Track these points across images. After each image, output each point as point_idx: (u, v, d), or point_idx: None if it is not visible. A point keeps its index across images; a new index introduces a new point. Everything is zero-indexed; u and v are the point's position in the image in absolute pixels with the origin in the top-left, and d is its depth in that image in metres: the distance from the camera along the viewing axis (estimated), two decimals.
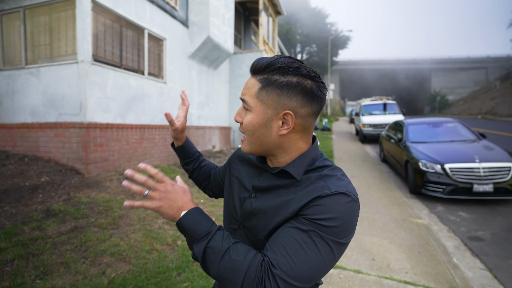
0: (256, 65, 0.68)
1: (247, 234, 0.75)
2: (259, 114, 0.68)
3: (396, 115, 11.67)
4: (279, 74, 0.65)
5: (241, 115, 0.72)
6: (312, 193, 0.63)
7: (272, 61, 0.65)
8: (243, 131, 0.72)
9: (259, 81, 0.67)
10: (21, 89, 4.51)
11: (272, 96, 0.66)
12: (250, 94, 0.68)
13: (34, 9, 4.54)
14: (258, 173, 0.79)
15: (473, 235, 3.39)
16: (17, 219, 2.78)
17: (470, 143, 5.16)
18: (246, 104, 0.69)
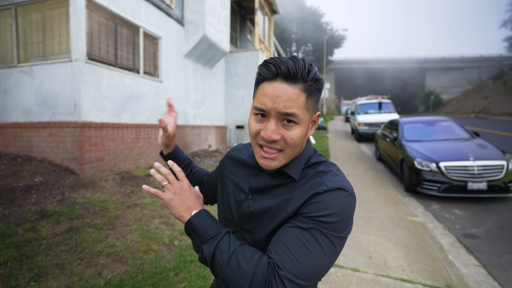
0: (294, 71, 0.60)
1: (246, 236, 0.74)
2: (306, 124, 0.65)
3: (391, 114, 11.76)
4: (314, 80, 0.64)
5: (278, 132, 0.62)
6: (309, 191, 0.64)
7: (309, 67, 0.62)
8: (281, 148, 0.64)
9: (303, 91, 0.62)
10: (13, 88, 4.43)
11: (313, 103, 0.65)
12: (298, 106, 0.61)
13: (26, 6, 4.46)
14: (253, 174, 0.77)
15: (468, 233, 3.43)
16: (10, 220, 2.73)
17: (464, 142, 5.22)
18: (296, 118, 0.61)
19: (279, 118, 0.63)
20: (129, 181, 4.07)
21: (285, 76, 0.61)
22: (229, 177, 0.83)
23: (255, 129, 0.65)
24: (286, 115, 0.61)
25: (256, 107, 0.64)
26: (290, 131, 0.63)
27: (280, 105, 0.60)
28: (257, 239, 0.71)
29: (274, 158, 0.65)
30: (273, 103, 0.61)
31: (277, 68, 0.61)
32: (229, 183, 0.82)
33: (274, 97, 0.61)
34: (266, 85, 0.63)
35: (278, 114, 0.62)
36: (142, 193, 3.83)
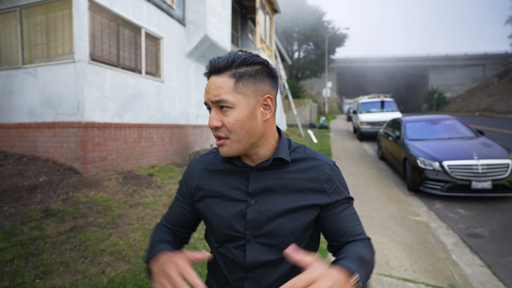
0: (217, 64, 0.67)
1: (263, 242, 0.73)
2: (245, 107, 0.68)
3: (393, 112, 11.70)
4: (244, 66, 0.68)
5: (218, 118, 0.68)
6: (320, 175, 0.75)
7: (233, 56, 0.68)
8: (225, 135, 0.69)
9: (230, 77, 0.67)
10: (18, 89, 4.48)
11: (249, 86, 0.68)
12: (226, 92, 0.66)
13: (30, 8, 4.50)
14: (242, 177, 0.76)
15: (472, 232, 3.41)
16: (16, 219, 2.77)
17: (468, 140, 5.18)
18: (226, 103, 0.66)
19: (216, 107, 0.68)
20: (132, 181, 4.09)
21: (213, 70, 0.68)
22: (212, 194, 0.78)
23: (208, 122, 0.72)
24: (217, 102, 0.67)
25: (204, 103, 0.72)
26: (227, 117, 0.68)
27: (211, 95, 0.68)
28: (282, 235, 0.72)
29: (222, 144, 0.70)
30: (207, 94, 0.69)
31: (209, 65, 0.69)
32: (214, 201, 0.77)
33: (207, 90, 0.69)
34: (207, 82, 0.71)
35: (213, 104, 0.68)
36: (145, 192, 3.86)
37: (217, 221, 0.76)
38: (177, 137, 6.33)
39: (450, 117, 6.22)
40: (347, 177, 5.88)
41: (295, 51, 31.06)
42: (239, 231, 0.74)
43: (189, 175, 0.84)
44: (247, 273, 0.75)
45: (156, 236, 0.83)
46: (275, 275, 0.76)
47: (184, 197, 0.85)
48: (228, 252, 0.77)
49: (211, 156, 0.85)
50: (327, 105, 24.94)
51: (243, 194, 0.75)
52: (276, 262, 0.75)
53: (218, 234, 0.77)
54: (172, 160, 6.02)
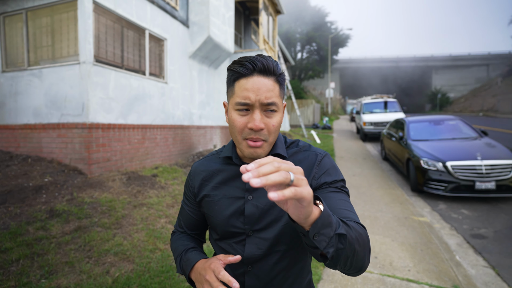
0: (267, 66, 0.69)
1: (262, 236, 0.76)
2: (282, 111, 0.74)
3: (397, 113, 11.65)
4: (281, 73, 0.73)
5: (263, 121, 0.69)
6: (311, 164, 0.77)
7: (275, 62, 0.72)
8: (264, 138, 0.69)
9: (276, 82, 0.70)
10: (24, 90, 4.53)
11: (282, 92, 0.74)
12: (276, 95, 0.69)
13: (36, 11, 4.56)
14: (240, 175, 0.78)
15: (476, 233, 3.39)
16: (21, 219, 2.80)
17: (472, 141, 5.15)
18: (276, 106, 0.69)
19: (262, 108, 0.68)
20: (136, 181, 4.12)
21: (261, 70, 0.68)
22: (213, 193, 0.81)
23: (241, 123, 0.69)
24: (268, 104, 0.68)
25: (239, 103, 0.68)
26: (272, 119, 0.69)
27: (262, 96, 0.67)
28: (278, 228, 0.74)
29: (260, 146, 0.70)
30: (256, 95, 0.67)
31: (252, 64, 0.68)
32: (215, 199, 0.81)
33: (256, 90, 0.67)
34: (245, 81, 0.68)
35: (261, 105, 0.68)
36: (148, 193, 3.88)
37: (218, 219, 0.80)
38: (181, 138, 6.36)
39: (453, 118, 6.18)
40: (351, 177, 5.87)
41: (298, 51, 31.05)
42: (239, 227, 0.77)
43: (191, 178, 0.88)
44: (247, 268, 0.78)
45: (179, 245, 0.88)
46: (274, 270, 0.77)
47: (189, 201, 0.89)
48: (229, 247, 0.80)
49: (211, 158, 0.88)
50: (330, 105, 24.89)
51: (241, 191, 0.78)
52: (275, 256, 0.77)
53: (220, 231, 0.81)
54: (175, 160, 6.05)
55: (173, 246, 0.90)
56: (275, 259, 0.77)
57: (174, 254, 0.87)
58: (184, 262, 0.81)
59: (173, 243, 0.91)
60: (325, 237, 0.52)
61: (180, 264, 0.82)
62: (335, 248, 0.53)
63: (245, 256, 0.76)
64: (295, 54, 30.73)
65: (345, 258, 0.55)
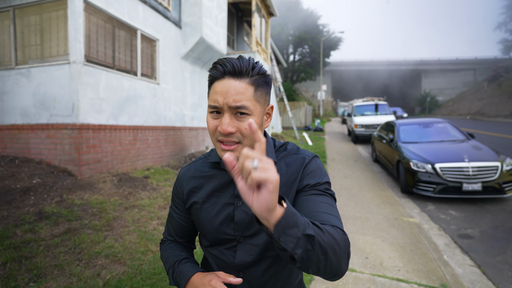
0: (238, 67, 0.66)
1: (253, 242, 0.76)
2: (259, 115, 0.70)
3: (387, 115, 11.85)
4: (260, 75, 0.70)
5: (233, 124, 0.66)
6: (299, 166, 0.75)
7: (252, 63, 0.69)
8: (238, 140, 0.67)
9: (250, 84, 0.67)
10: (11, 90, 4.43)
11: (263, 95, 0.71)
12: (247, 98, 0.66)
13: (24, 8, 4.46)
14: (229, 181, 0.77)
15: (463, 233, 3.48)
16: (8, 221, 2.73)
17: (460, 143, 5.28)
18: (247, 109, 0.66)
19: (232, 112, 0.66)
20: (127, 183, 4.07)
21: (231, 72, 0.66)
22: (203, 200, 0.80)
23: (212, 125, 0.69)
24: (237, 108, 0.66)
25: (210, 105, 0.68)
26: (244, 122, 0.67)
27: (230, 99, 0.65)
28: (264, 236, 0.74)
29: (234, 149, 0.68)
30: (223, 98, 0.66)
31: (223, 66, 0.66)
32: (205, 206, 0.79)
33: (224, 93, 0.66)
34: (216, 83, 0.68)
35: (230, 108, 0.66)
36: (140, 195, 3.84)
37: (208, 226, 0.78)
38: (173, 139, 6.31)
39: (442, 120, 6.34)
40: (342, 179, 5.94)
41: (291, 54, 31.25)
42: (229, 233, 0.76)
43: (179, 184, 0.86)
44: (238, 274, 0.78)
45: (170, 256, 0.85)
46: (266, 275, 0.78)
47: (178, 208, 0.87)
48: (220, 254, 0.79)
49: (198, 163, 0.86)
50: (322, 108, 25.11)
51: (231, 198, 0.77)
52: (266, 261, 0.77)
53: (210, 238, 0.80)
54: (167, 162, 6.00)
55: (164, 256, 0.87)
56: (266, 264, 0.77)
57: (166, 265, 0.84)
58: (177, 274, 0.78)
59: (163, 253, 0.88)
60: (292, 237, 0.50)
61: (173, 276, 0.80)
62: (304, 249, 0.51)
63: (236, 262, 0.76)
64: (287, 56, 30.92)
65: (316, 261, 0.53)
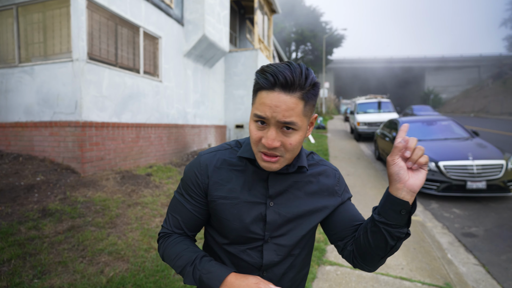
0: (291, 80, 0.61)
1: (280, 242, 0.76)
2: (305, 129, 0.68)
3: (390, 113, 11.77)
4: (311, 86, 0.64)
5: (279, 139, 0.65)
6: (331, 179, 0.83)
7: (305, 73, 0.63)
8: (280, 154, 0.67)
9: (301, 99, 0.63)
10: (14, 88, 4.44)
11: (310, 108, 0.67)
12: (296, 115, 0.63)
13: (27, 6, 4.47)
14: (260, 179, 0.75)
15: (467, 232, 3.46)
16: (13, 218, 2.75)
17: (464, 141, 5.24)
18: (295, 125, 0.63)
19: (278, 126, 0.64)
20: (130, 180, 4.09)
21: (283, 85, 0.61)
22: (232, 195, 0.75)
23: (256, 136, 0.66)
24: (285, 123, 0.63)
25: (256, 115, 0.65)
26: (289, 138, 0.65)
27: (280, 115, 0.62)
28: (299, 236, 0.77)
29: (275, 162, 0.68)
30: (272, 112, 0.62)
31: (274, 78, 0.61)
32: (234, 202, 0.75)
33: (273, 107, 0.62)
34: (265, 94, 0.63)
35: (278, 123, 0.63)
36: (143, 192, 3.85)
37: (234, 224, 0.74)
38: (175, 137, 6.32)
39: (446, 118, 6.28)
40: (344, 177, 5.92)
41: (293, 51, 31.12)
42: (257, 233, 0.75)
43: (201, 171, 0.77)
44: (262, 274, 0.77)
45: (184, 250, 0.76)
46: (287, 273, 0.79)
47: (194, 198, 0.78)
48: (241, 253, 0.76)
49: (225, 153, 0.79)
50: (324, 105, 25.02)
51: (262, 197, 0.75)
52: (289, 260, 0.79)
53: (233, 235, 0.76)
54: (170, 159, 6.01)
55: (172, 251, 0.76)
56: (289, 262, 0.79)
57: (177, 261, 0.74)
58: (204, 273, 0.69)
59: (171, 247, 0.77)
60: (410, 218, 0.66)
61: (194, 274, 0.70)
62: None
63: (265, 263, 0.76)
64: (290, 54, 30.80)
65: None
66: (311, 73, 0.65)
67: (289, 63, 0.64)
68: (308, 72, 0.64)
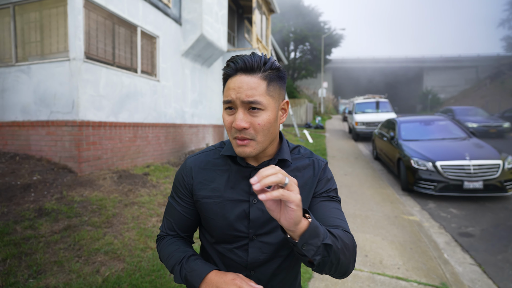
0: (250, 63, 0.66)
1: (266, 240, 0.75)
2: (273, 110, 0.70)
3: (388, 113, 11.80)
4: (273, 70, 0.69)
5: (246, 120, 0.66)
6: (315, 171, 0.79)
7: (264, 58, 0.69)
8: (251, 136, 0.67)
9: (262, 79, 0.67)
10: (11, 87, 4.42)
11: (276, 90, 0.71)
12: (260, 93, 0.66)
13: (24, 5, 4.45)
14: (243, 176, 0.76)
15: (463, 231, 3.47)
16: (8, 218, 2.74)
17: (461, 141, 5.26)
18: (260, 105, 0.66)
19: (245, 107, 0.67)
20: (127, 180, 4.07)
21: (243, 69, 0.67)
22: (215, 194, 0.76)
23: (228, 122, 0.70)
24: (249, 103, 0.66)
25: (224, 101, 0.69)
26: (257, 118, 0.67)
27: (243, 95, 0.66)
28: (279, 235, 0.74)
29: (247, 144, 0.69)
30: (236, 93, 0.66)
31: (235, 63, 0.67)
32: (217, 201, 0.76)
33: (236, 88, 0.66)
34: (229, 80, 0.69)
35: (243, 103, 0.66)
36: (140, 192, 3.84)
37: (219, 222, 0.76)
38: (173, 136, 6.31)
39: (443, 118, 6.30)
40: (342, 176, 5.93)
41: (292, 51, 31.11)
42: (242, 231, 0.75)
43: (186, 174, 0.80)
44: (249, 272, 0.77)
45: (174, 251, 0.79)
46: (276, 274, 0.78)
47: (183, 200, 0.81)
48: (227, 252, 0.77)
49: (209, 154, 0.83)
50: (322, 105, 25.04)
51: (245, 194, 0.75)
52: (278, 260, 0.77)
53: (218, 234, 0.77)
54: (167, 159, 6.00)
55: (166, 252, 0.80)
56: (278, 263, 0.77)
57: (169, 261, 0.78)
58: (188, 272, 0.73)
59: (165, 249, 0.81)
60: (313, 246, 0.57)
61: (181, 273, 0.74)
62: (321, 256, 0.58)
63: (250, 261, 0.75)
64: (288, 54, 30.79)
65: (330, 265, 0.60)
66: (271, 59, 0.70)
67: (252, 53, 0.69)
68: (269, 59, 0.70)
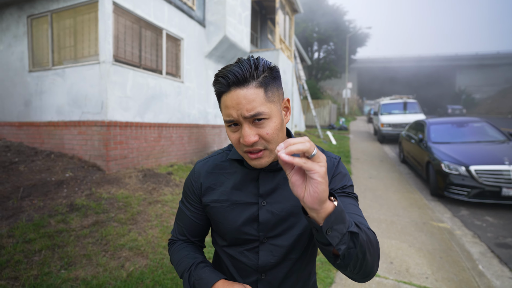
0: (241, 75, 0.62)
1: (276, 243, 0.74)
2: (277, 115, 0.67)
3: (417, 114, 11.25)
4: (266, 71, 0.66)
5: (254, 133, 0.64)
6: (329, 168, 0.75)
7: (253, 62, 0.65)
8: (263, 147, 0.66)
9: (258, 86, 0.63)
10: (48, 89, 4.74)
11: (275, 93, 0.68)
12: (260, 104, 0.63)
13: (60, 12, 4.75)
14: (251, 179, 0.75)
15: (502, 242, 3.20)
16: (44, 212, 2.93)
17: (499, 144, 4.87)
18: (263, 115, 0.63)
19: (249, 121, 0.64)
20: (151, 179, 4.21)
21: (236, 82, 0.63)
22: (223, 198, 0.76)
23: (234, 139, 0.68)
24: (252, 116, 0.63)
25: (225, 121, 0.66)
26: (264, 128, 0.64)
27: (243, 110, 0.62)
28: (294, 235, 0.73)
29: (262, 156, 0.67)
30: (236, 111, 0.63)
31: (225, 78, 0.63)
32: (226, 205, 0.76)
33: (235, 105, 0.63)
34: (225, 97, 0.65)
35: (246, 119, 0.63)
36: (163, 190, 3.95)
37: (228, 226, 0.75)
38: (196, 137, 6.44)
39: (478, 120, 5.88)
40: (366, 180, 5.72)
41: (315, 51, 30.63)
42: (252, 234, 0.74)
43: (195, 179, 0.81)
44: (260, 276, 0.75)
45: (184, 257, 0.79)
46: (288, 277, 0.76)
47: (192, 205, 0.82)
48: (239, 255, 0.76)
49: (217, 158, 0.82)
50: (347, 106, 24.41)
51: (254, 197, 0.74)
52: (288, 263, 0.75)
53: (230, 238, 0.76)
54: (190, 159, 6.13)
55: (176, 258, 0.80)
56: (288, 266, 0.75)
57: (179, 267, 0.78)
58: (196, 280, 0.72)
59: (175, 254, 0.82)
60: (338, 233, 0.52)
61: (190, 280, 0.74)
62: (347, 246, 0.53)
63: (260, 264, 0.74)
64: (312, 54, 30.35)
65: (355, 260, 0.55)
66: (261, 61, 0.66)
67: (237, 60, 0.65)
68: (258, 61, 0.65)
